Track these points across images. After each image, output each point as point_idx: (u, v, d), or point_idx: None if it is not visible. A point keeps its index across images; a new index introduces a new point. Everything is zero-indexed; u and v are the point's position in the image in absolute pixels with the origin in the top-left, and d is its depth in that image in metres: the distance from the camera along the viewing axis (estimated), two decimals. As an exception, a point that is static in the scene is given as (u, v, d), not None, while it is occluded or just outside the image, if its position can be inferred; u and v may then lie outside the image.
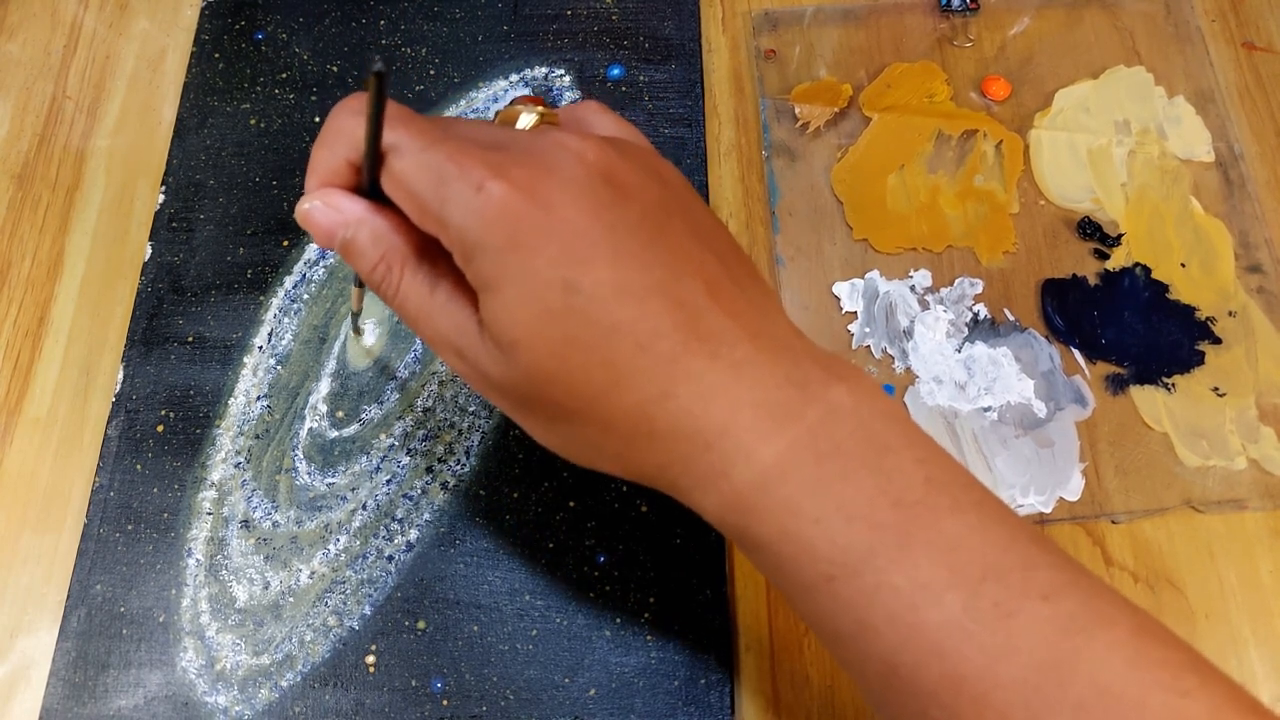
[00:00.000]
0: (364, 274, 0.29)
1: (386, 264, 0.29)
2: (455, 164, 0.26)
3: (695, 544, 0.38)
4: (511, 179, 0.26)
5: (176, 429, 0.41)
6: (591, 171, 0.26)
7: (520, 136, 0.28)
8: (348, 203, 0.29)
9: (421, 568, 0.38)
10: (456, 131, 0.28)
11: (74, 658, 0.37)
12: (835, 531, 0.25)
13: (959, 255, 0.43)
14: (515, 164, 0.26)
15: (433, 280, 0.28)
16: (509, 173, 0.26)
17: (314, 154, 0.29)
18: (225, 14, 0.49)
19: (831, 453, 0.25)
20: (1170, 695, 0.23)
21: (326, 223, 0.29)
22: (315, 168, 0.29)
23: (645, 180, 0.27)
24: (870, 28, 0.48)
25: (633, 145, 0.29)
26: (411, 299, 0.29)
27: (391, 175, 0.27)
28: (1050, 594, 0.24)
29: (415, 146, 0.27)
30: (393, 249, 0.29)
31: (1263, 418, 0.39)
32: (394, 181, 0.27)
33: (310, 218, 0.29)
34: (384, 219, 0.29)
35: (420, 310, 0.29)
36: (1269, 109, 0.45)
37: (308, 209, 0.29)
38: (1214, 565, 0.37)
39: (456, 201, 0.26)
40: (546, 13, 0.49)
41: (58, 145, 0.47)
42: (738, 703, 0.36)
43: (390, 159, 0.27)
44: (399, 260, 0.29)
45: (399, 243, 0.29)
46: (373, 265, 0.29)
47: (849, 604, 0.25)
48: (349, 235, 0.29)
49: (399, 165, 0.27)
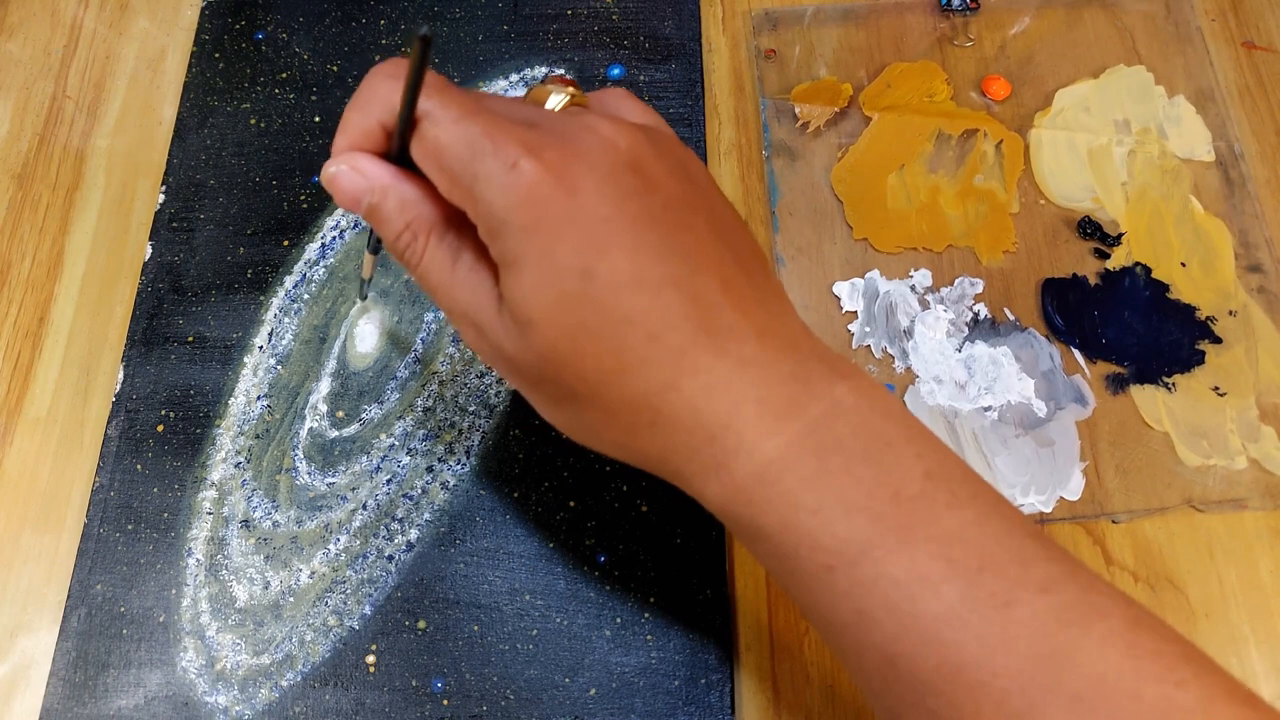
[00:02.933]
0: (388, 241, 0.29)
1: (412, 232, 0.29)
2: (490, 139, 0.26)
3: (695, 544, 0.38)
4: (544, 160, 0.26)
5: (177, 429, 0.41)
6: (620, 159, 0.26)
7: (553, 117, 0.28)
8: (375, 168, 0.29)
9: (422, 567, 0.38)
10: (491, 106, 0.28)
11: (74, 658, 0.37)
12: (835, 523, 0.25)
13: (959, 255, 0.43)
14: (548, 145, 0.26)
15: (456, 252, 0.28)
16: (542, 154, 0.26)
17: (346, 115, 0.29)
18: (225, 14, 0.49)
19: (833, 447, 0.25)
20: (1165, 686, 0.23)
21: (352, 187, 0.29)
22: (346, 128, 0.29)
23: (671, 172, 0.27)
24: (870, 27, 0.48)
25: (661, 135, 0.29)
26: (434, 270, 0.29)
27: (424, 143, 0.27)
28: (1047, 586, 0.24)
29: (450, 116, 0.27)
30: (419, 218, 0.29)
31: (1263, 417, 0.39)
32: (426, 150, 0.27)
33: (336, 181, 0.29)
34: (411, 186, 0.29)
35: (441, 281, 0.29)
36: (1269, 108, 0.45)
37: (334, 172, 0.29)
38: (1214, 565, 0.37)
39: (488, 176, 0.26)
40: (546, 13, 0.49)
41: (58, 145, 0.47)
42: (738, 703, 0.36)
43: (424, 125, 0.27)
44: (424, 229, 0.29)
45: (425, 212, 0.29)
46: (397, 233, 0.29)
47: (847, 594, 0.25)
48: (375, 201, 0.29)
49: (433, 133, 0.27)
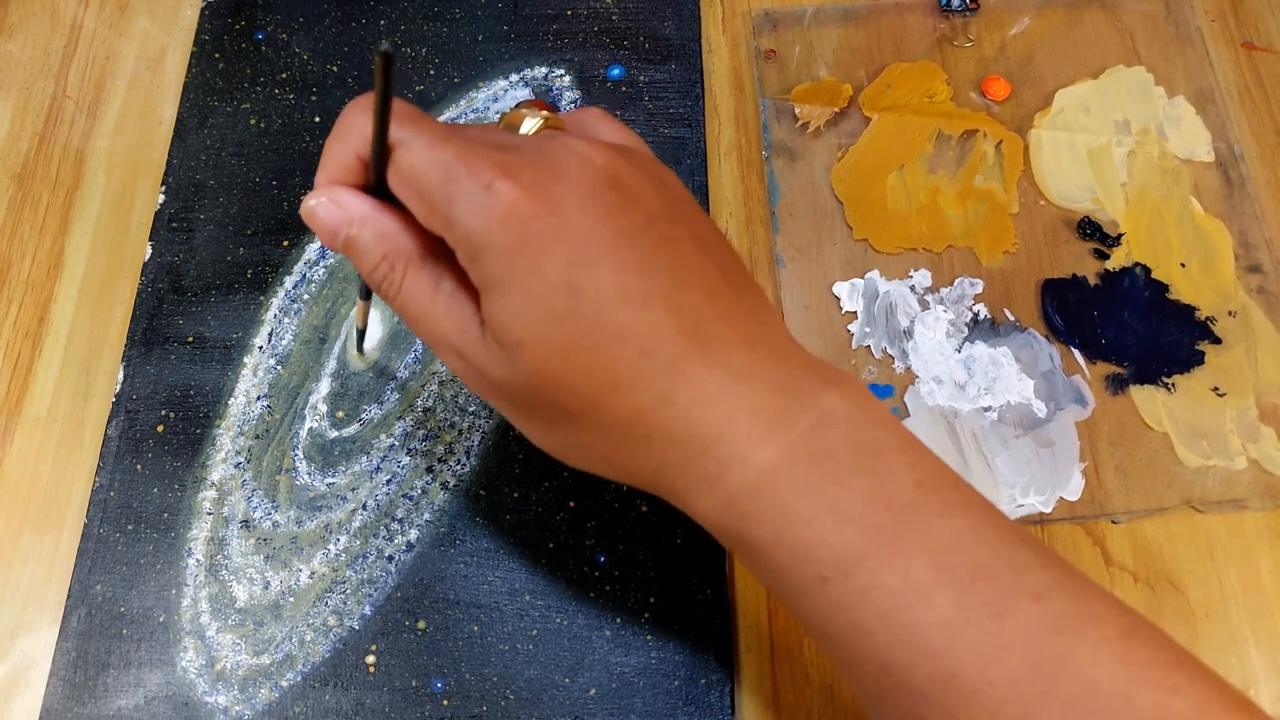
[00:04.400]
0: (365, 273, 0.29)
1: (389, 263, 0.29)
2: (464, 162, 0.26)
3: (695, 544, 0.38)
4: (521, 180, 0.26)
5: (176, 429, 0.41)
6: (599, 176, 0.26)
7: (528, 140, 0.28)
8: (353, 200, 0.29)
9: (421, 568, 0.38)
10: (464, 133, 0.28)
11: (74, 658, 0.37)
12: (828, 533, 0.25)
13: (959, 255, 0.43)
14: (524, 166, 0.26)
15: (435, 281, 0.28)
16: (519, 174, 0.26)
17: (325, 149, 0.29)
18: (225, 14, 0.49)
19: (824, 457, 0.25)
20: (1158, 692, 0.23)
21: (331, 220, 0.29)
22: (325, 163, 0.29)
23: (650, 187, 0.27)
24: (870, 28, 0.48)
25: (637, 153, 0.29)
26: (413, 299, 0.29)
27: (399, 170, 0.27)
28: (1040, 594, 0.24)
29: (423, 143, 0.27)
30: (396, 249, 0.29)
31: (1263, 417, 0.39)
32: (401, 177, 0.27)
33: (315, 215, 0.29)
34: (389, 218, 0.29)
35: (421, 311, 0.29)
36: (1269, 109, 0.45)
37: (313, 205, 0.29)
38: (1214, 565, 0.37)
39: (464, 200, 0.26)
40: (546, 13, 0.49)
41: (58, 145, 0.47)
42: (738, 703, 0.36)
43: (398, 153, 0.27)
44: (402, 260, 0.29)
45: (403, 243, 0.29)
46: (374, 264, 0.29)
47: (842, 604, 0.25)
48: (352, 233, 0.29)
49: (407, 159, 0.27)
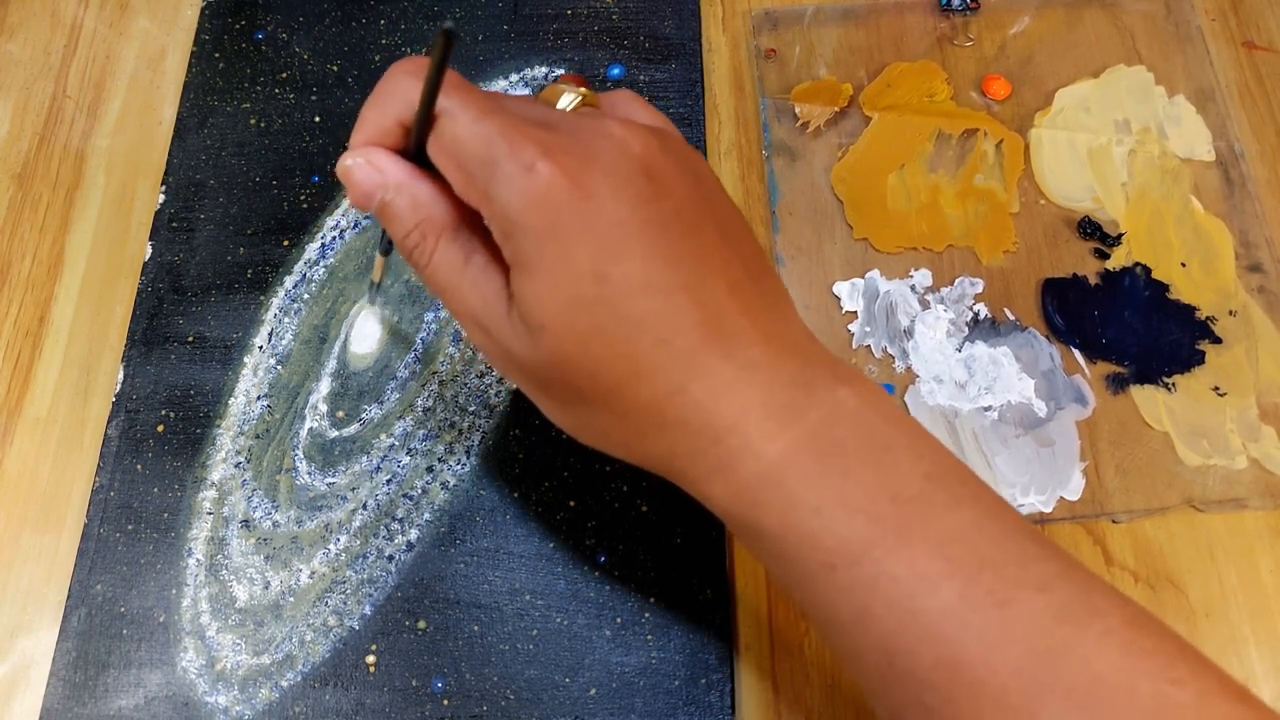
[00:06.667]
0: (398, 240, 0.29)
1: (421, 232, 0.29)
2: (506, 139, 0.26)
3: (695, 544, 0.38)
4: (560, 163, 0.26)
5: (177, 429, 0.41)
6: (634, 164, 0.27)
7: (567, 118, 0.28)
8: (391, 164, 0.29)
9: (422, 567, 0.38)
10: (508, 106, 0.28)
11: (74, 658, 0.37)
12: (836, 523, 0.25)
13: (959, 255, 0.43)
14: (564, 148, 0.26)
15: (466, 254, 0.28)
16: (558, 157, 0.26)
17: (364, 111, 0.29)
18: (225, 14, 0.49)
19: (834, 450, 0.26)
20: (1160, 683, 0.23)
21: (367, 182, 0.29)
22: (363, 124, 0.29)
23: (682, 176, 0.28)
24: (870, 27, 0.48)
25: (671, 138, 0.29)
26: (443, 270, 0.29)
27: (442, 141, 0.27)
28: (1045, 585, 0.24)
29: (469, 115, 0.27)
30: (429, 219, 0.29)
31: (1263, 417, 0.39)
32: (443, 148, 0.27)
33: (351, 175, 0.29)
34: (425, 185, 0.29)
35: (450, 282, 0.29)
36: (1269, 108, 0.45)
37: (350, 165, 0.29)
38: (1214, 564, 0.37)
39: (505, 178, 0.26)
40: (546, 12, 0.49)
41: (58, 145, 0.47)
42: (738, 703, 0.36)
43: (443, 122, 0.27)
44: (435, 230, 0.29)
45: (436, 212, 0.29)
46: (407, 232, 0.29)
47: (848, 592, 0.25)
48: (388, 198, 0.29)
49: (451, 129, 0.27)
